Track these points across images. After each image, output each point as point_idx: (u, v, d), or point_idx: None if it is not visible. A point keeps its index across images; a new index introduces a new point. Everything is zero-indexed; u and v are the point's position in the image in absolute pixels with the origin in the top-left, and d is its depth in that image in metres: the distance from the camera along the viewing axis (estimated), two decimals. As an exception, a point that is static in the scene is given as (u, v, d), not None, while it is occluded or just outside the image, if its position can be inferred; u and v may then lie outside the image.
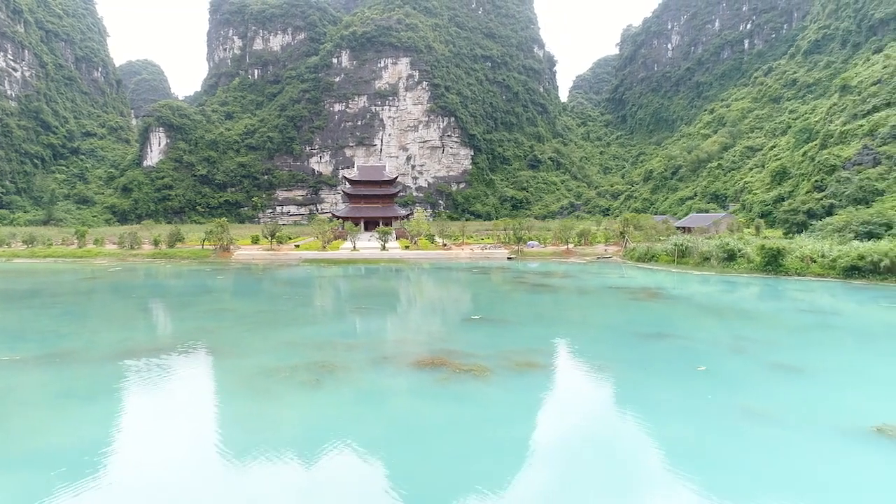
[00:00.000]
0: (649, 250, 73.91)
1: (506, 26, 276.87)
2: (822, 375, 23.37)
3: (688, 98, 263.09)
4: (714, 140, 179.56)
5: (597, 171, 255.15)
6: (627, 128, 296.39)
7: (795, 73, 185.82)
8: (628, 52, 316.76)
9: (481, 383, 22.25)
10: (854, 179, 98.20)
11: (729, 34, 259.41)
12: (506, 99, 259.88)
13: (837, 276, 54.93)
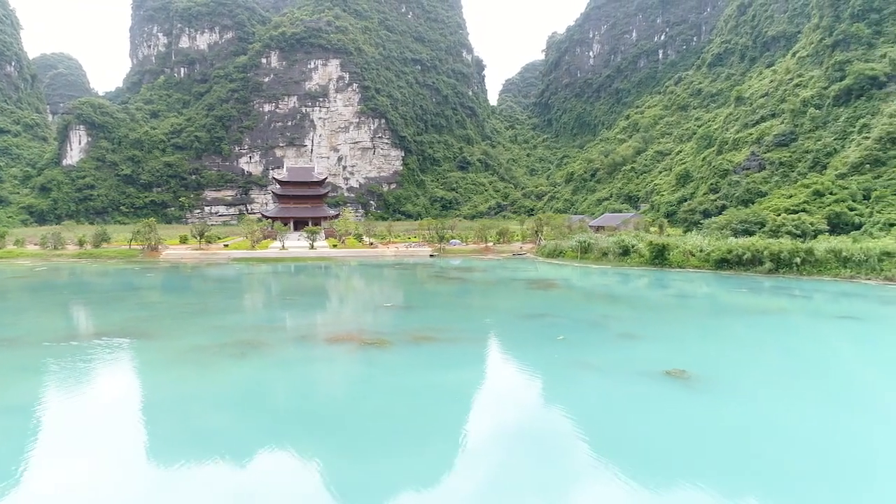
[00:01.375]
0: (557, 247, 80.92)
1: (435, 31, 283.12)
2: (650, 341, 29.66)
3: (608, 104, 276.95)
4: (628, 145, 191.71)
5: (524, 173, 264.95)
6: (553, 131, 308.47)
7: (701, 83, 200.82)
8: (553, 58, 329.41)
9: (381, 351, 27.26)
10: (742, 182, 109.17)
11: (645, 44, 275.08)
12: (436, 102, 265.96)
13: (711, 267, 63.00)
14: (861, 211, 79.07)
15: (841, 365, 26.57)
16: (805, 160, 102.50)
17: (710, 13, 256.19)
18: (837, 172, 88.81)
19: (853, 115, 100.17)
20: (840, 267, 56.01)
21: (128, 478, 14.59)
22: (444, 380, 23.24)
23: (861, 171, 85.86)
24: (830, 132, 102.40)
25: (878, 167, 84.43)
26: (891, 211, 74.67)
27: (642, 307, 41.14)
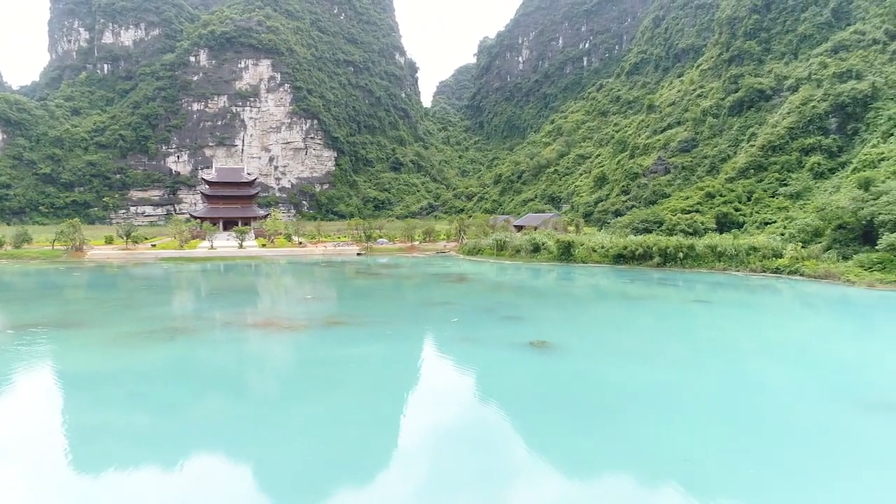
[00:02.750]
0: (477, 245, 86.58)
1: (368, 33, 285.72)
2: (528, 321, 35.12)
3: (536, 108, 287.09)
4: (553, 148, 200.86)
5: (455, 174, 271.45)
6: (484, 133, 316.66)
7: (620, 90, 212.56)
8: (485, 62, 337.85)
9: (295, 333, 31.48)
10: (649, 185, 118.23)
11: (571, 51, 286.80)
12: (368, 103, 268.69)
13: (609, 262, 69.93)
14: (744, 211, 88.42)
15: (668, 335, 32.70)
16: (704, 165, 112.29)
17: (630, 24, 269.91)
18: (727, 176, 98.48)
19: (744, 125, 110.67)
20: (715, 260, 63.87)
21: (70, 429, 18.40)
22: (349, 353, 27.70)
23: (746, 175, 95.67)
24: (725, 140, 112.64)
25: (761, 172, 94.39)
26: (766, 211, 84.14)
27: (533, 295, 46.85)
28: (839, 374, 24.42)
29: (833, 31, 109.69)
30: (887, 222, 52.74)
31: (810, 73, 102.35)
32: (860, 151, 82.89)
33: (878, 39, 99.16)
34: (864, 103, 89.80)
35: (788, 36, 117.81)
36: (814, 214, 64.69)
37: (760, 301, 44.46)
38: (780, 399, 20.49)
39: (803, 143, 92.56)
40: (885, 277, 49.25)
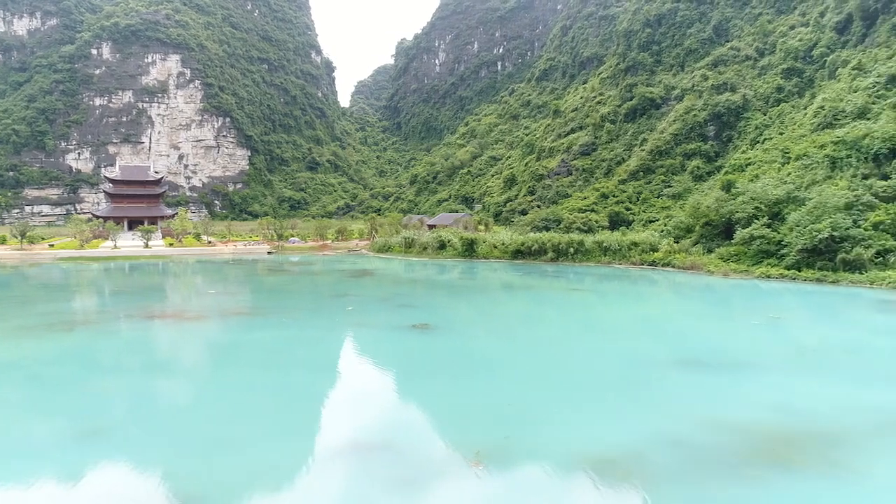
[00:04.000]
0: (387, 243, 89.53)
1: (283, 30, 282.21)
2: (417, 308, 38.52)
3: (453, 110, 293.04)
4: (466, 150, 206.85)
5: (373, 174, 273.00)
6: (402, 134, 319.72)
7: (530, 95, 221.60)
8: (402, 63, 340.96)
9: (196, 323, 33.40)
10: (553, 186, 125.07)
11: (485, 56, 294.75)
12: (284, 102, 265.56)
13: (509, 258, 74.65)
14: (634, 210, 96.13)
15: (538, 318, 36.96)
16: (602, 167, 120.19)
17: (542, 31, 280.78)
18: (620, 178, 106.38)
19: (637, 131, 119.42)
20: (602, 255, 69.81)
21: (-24, 399, 20.02)
22: (245, 338, 30.02)
23: (637, 177, 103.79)
24: (621, 144, 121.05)
25: (649, 174, 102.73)
26: (652, 210, 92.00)
27: (429, 287, 50.42)
28: (669, 342, 29.22)
29: (714, 47, 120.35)
30: (742, 219, 59.99)
31: (693, 84, 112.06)
32: (732, 156, 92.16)
33: (750, 56, 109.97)
34: (737, 113, 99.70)
35: (676, 49, 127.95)
36: (686, 213, 71.87)
37: (628, 289, 49.95)
38: (615, 361, 24.72)
39: (686, 148, 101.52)
40: (738, 267, 56.22)
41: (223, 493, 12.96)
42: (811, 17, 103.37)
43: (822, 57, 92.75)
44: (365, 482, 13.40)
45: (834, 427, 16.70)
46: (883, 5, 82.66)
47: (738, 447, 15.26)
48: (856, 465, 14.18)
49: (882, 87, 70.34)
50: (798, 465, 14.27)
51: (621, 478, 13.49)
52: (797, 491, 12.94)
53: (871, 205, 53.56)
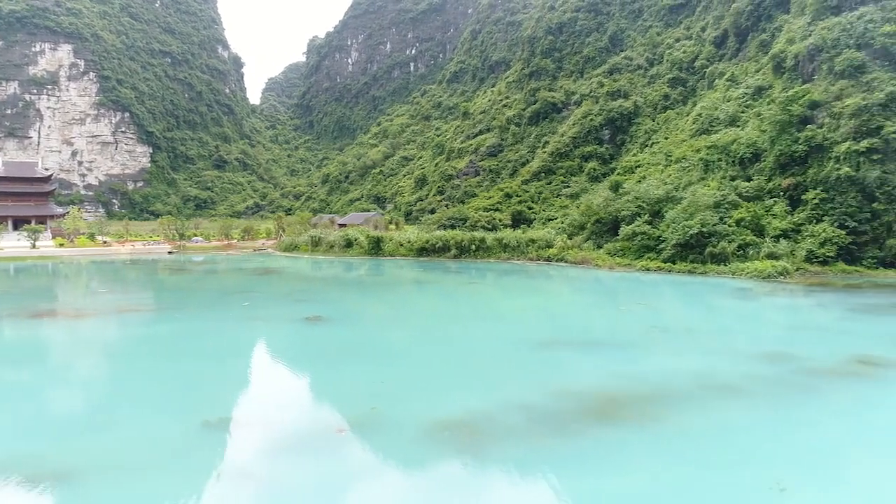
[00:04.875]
0: (293, 242, 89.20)
1: (187, 23, 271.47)
2: (312, 302, 39.57)
3: (366, 110, 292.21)
4: (378, 150, 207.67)
5: (284, 173, 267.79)
6: (315, 133, 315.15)
7: (441, 97, 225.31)
8: (314, 61, 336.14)
9: (83, 321, 32.94)
10: (461, 186, 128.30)
11: (398, 56, 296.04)
12: (188, 98, 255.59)
13: (414, 255, 76.51)
14: (535, 209, 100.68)
15: (429, 309, 39.03)
16: (507, 168, 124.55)
17: (453, 34, 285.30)
18: (523, 179, 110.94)
19: (540, 133, 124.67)
20: (502, 251, 73.03)
21: None
22: (136, 332, 30.09)
23: (539, 178, 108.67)
24: (525, 146, 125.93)
25: (550, 175, 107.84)
26: (551, 210, 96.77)
27: (331, 283, 51.44)
28: (543, 326, 31.91)
29: (609, 56, 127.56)
30: (626, 217, 64.78)
31: (591, 90, 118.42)
32: (624, 159, 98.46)
33: (641, 65, 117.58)
34: (629, 118, 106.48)
35: (576, 57, 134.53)
36: (579, 212, 76.43)
37: (521, 282, 53.00)
38: (491, 344, 26.93)
39: (583, 150, 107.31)
40: (622, 261, 60.77)
41: (98, 468, 13.79)
42: (694, 31, 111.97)
43: (703, 68, 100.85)
44: (232, 452, 14.64)
45: (658, 390, 19.49)
46: (752, 23, 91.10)
47: (574, 408, 17.66)
48: (668, 417, 16.86)
49: (750, 97, 77.61)
50: (620, 419, 16.79)
51: (468, 435, 15.45)
52: (613, 438, 15.36)
53: (736, 203, 59.39)
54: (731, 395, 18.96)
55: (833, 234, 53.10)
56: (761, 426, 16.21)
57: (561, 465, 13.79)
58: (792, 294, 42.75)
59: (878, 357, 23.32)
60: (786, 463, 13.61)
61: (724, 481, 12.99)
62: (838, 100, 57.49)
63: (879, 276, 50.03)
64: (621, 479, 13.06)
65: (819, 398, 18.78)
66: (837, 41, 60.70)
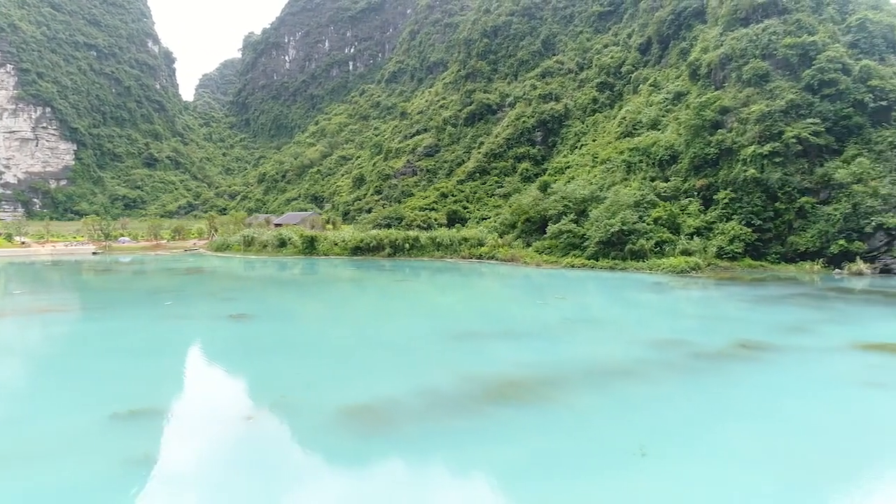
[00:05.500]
0: (225, 242, 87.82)
1: (114, 16, 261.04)
2: (239, 301, 39.61)
3: (304, 108, 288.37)
4: (316, 149, 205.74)
5: (219, 172, 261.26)
6: (251, 131, 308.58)
7: (380, 97, 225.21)
8: (250, 58, 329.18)
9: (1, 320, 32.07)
10: (398, 185, 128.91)
11: (337, 55, 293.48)
12: (116, 93, 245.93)
13: (348, 254, 76.80)
14: (470, 208, 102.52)
15: (355, 305, 39.77)
16: (444, 168, 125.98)
17: (392, 34, 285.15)
18: (458, 179, 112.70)
19: (476, 134, 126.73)
20: (435, 250, 74.29)
21: None
22: (51, 331, 29.55)
23: (474, 178, 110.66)
24: (461, 146, 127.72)
25: (484, 175, 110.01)
26: (485, 209, 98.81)
27: (258, 282, 51.40)
28: (461, 319, 33.19)
29: (542, 59, 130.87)
30: (553, 216, 67.19)
31: (524, 92, 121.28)
32: (554, 160, 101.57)
33: (572, 69, 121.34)
34: (560, 121, 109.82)
35: (510, 60, 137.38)
36: (509, 211, 78.57)
37: (451, 279, 54.36)
38: (408, 336, 27.98)
39: (517, 151, 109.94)
40: (549, 258, 63.02)
41: (4, 457, 14.01)
42: (621, 38, 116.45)
43: (629, 73, 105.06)
44: (137, 441, 15.08)
45: (556, 374, 20.99)
46: (673, 32, 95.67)
47: (477, 392, 18.88)
48: (559, 398, 18.30)
49: (670, 102, 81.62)
50: (516, 400, 18.10)
51: (372, 418, 16.42)
52: (505, 416, 16.62)
53: (654, 203, 62.60)
54: (621, 377, 20.64)
55: (741, 231, 56.81)
56: (638, 402, 17.87)
57: (453, 439, 14.94)
58: (701, 287, 45.64)
59: (758, 341, 25.66)
60: (651, 433, 15.20)
61: (595, 449, 14.46)
62: (745, 106, 61.53)
63: (781, 271, 53.88)
64: (505, 448, 14.31)
65: (696, 377, 20.72)
66: (745, 51, 64.88)
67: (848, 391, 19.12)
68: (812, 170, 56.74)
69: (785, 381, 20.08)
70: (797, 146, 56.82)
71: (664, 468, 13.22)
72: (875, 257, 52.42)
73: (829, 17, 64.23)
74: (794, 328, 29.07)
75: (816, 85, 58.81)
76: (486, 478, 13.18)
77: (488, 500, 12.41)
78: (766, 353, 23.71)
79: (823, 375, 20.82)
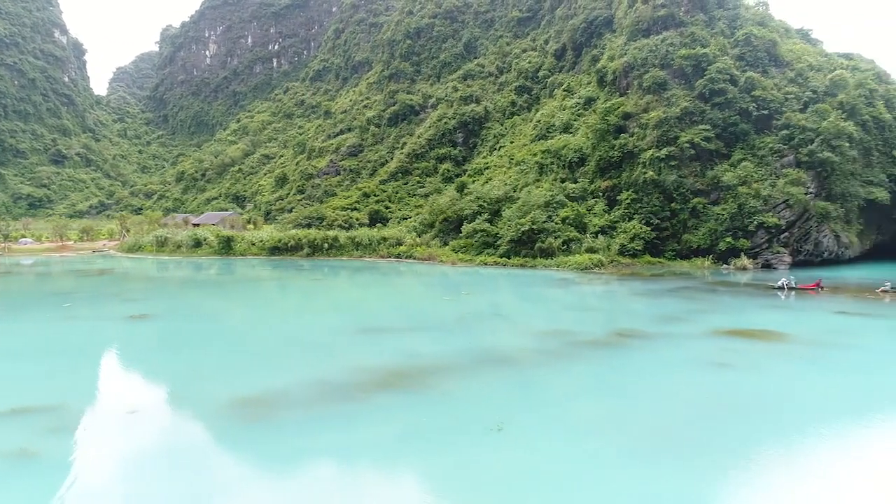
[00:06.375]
0: (137, 242, 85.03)
1: (16, 3, 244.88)
2: (144, 301, 39.13)
3: (226, 105, 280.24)
4: (238, 147, 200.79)
5: (134, 170, 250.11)
6: (170, 128, 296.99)
7: (304, 95, 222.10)
8: (168, 52, 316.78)
9: None
10: (322, 185, 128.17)
11: (260, 51, 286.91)
12: (19, 85, 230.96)
13: (266, 254, 76.07)
14: (392, 208, 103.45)
15: (262, 303, 40.11)
16: (367, 168, 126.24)
17: (317, 31, 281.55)
18: (381, 179, 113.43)
19: (399, 135, 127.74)
20: (354, 249, 74.83)
21: None
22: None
23: (396, 178, 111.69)
24: (385, 146, 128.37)
25: (406, 175, 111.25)
26: (407, 209, 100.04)
27: (167, 283, 50.63)
28: (367, 315, 34.26)
29: (464, 62, 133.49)
30: (468, 216, 69.21)
31: (446, 94, 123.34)
32: (475, 161, 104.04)
33: (492, 72, 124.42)
34: (480, 123, 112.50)
35: (433, 62, 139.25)
36: (427, 211, 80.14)
37: (367, 278, 55.21)
38: (311, 331, 28.88)
39: (438, 152, 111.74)
40: (464, 257, 64.90)
41: None
42: (539, 43, 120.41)
43: (545, 78, 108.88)
44: (13, 437, 15.34)
45: (442, 364, 22.42)
46: (585, 39, 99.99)
47: (364, 381, 20.02)
48: (439, 384, 19.70)
49: (581, 107, 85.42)
50: (399, 387, 19.38)
51: (257, 407, 17.28)
52: (385, 401, 17.86)
53: (563, 203, 65.63)
54: (501, 365, 22.34)
55: (641, 230, 60.55)
56: (507, 386, 19.58)
57: (333, 423, 16.03)
58: (601, 283, 48.55)
59: (634, 330, 28.09)
60: (512, 411, 16.86)
61: (458, 426, 15.93)
62: (645, 112, 65.51)
63: (677, 267, 57.85)
64: (378, 428, 15.56)
65: (568, 363, 22.67)
66: (646, 60, 68.97)
67: (695, 370, 21.51)
68: (704, 173, 61.16)
69: (644, 364, 22.31)
70: (690, 150, 61.12)
71: (515, 440, 14.82)
72: (758, 253, 57.23)
73: (720, 31, 69.23)
74: (671, 318, 31.82)
75: (708, 94, 63.40)
76: (357, 452, 14.34)
77: (358, 470, 13.59)
78: (637, 340, 26.07)
79: (680, 358, 23.22)
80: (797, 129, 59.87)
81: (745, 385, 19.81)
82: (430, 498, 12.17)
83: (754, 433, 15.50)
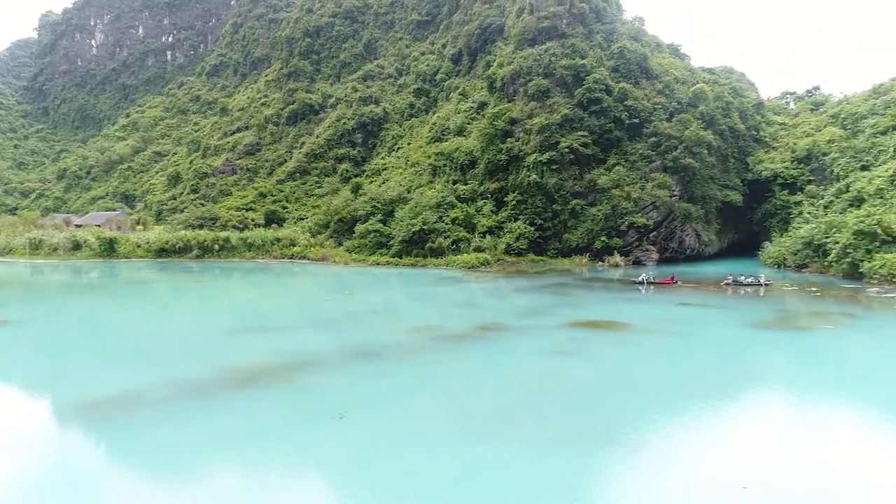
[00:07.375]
0: (7, 245, 79.46)
1: None
2: (1, 306, 37.32)
3: (115, 99, 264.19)
4: (128, 143, 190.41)
5: (9, 167, 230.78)
6: (51, 121, 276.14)
7: (200, 90, 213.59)
8: (48, 40, 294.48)
9: None
10: (217, 184, 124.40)
11: (153, 43, 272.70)
12: None
13: (153, 256, 73.58)
14: (290, 209, 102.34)
15: (136, 306, 39.41)
16: (265, 167, 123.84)
17: (215, 24, 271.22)
18: (278, 178, 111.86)
19: (298, 134, 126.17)
20: (247, 251, 73.85)
21: None
22: None
23: (294, 178, 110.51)
24: (283, 146, 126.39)
25: (305, 175, 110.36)
26: (304, 209, 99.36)
27: (33, 288, 48.34)
28: (248, 315, 34.55)
29: (364, 62, 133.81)
30: (362, 216, 70.15)
31: (346, 94, 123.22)
32: (373, 162, 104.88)
33: (391, 74, 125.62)
34: (379, 123, 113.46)
35: (333, 61, 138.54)
36: (322, 211, 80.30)
37: (255, 279, 54.94)
38: (185, 332, 28.87)
39: (337, 152, 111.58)
40: (358, 257, 65.84)
41: None
42: (437, 47, 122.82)
43: (442, 81, 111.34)
44: None
45: (307, 360, 23.39)
46: (480, 45, 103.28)
47: (226, 379, 20.65)
48: (298, 379, 20.67)
49: (474, 111, 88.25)
50: (259, 384, 20.20)
51: (111, 406, 17.58)
52: (242, 397, 18.63)
53: (453, 204, 67.99)
54: (365, 359, 23.65)
55: (526, 230, 63.91)
56: (358, 378, 20.93)
57: (187, 418, 16.68)
58: (486, 280, 50.99)
59: (498, 323, 30.28)
60: (356, 401, 18.21)
61: (303, 416, 17.09)
62: (530, 118, 69.06)
63: (558, 264, 61.58)
64: (228, 420, 16.39)
65: (426, 355, 24.35)
66: (531, 69, 72.62)
67: (538, 359, 23.74)
68: (582, 176, 65.39)
69: (495, 354, 24.36)
70: (570, 155, 65.13)
71: (355, 426, 16.14)
72: (629, 251, 62.00)
73: (597, 44, 74.03)
74: (535, 312, 34.37)
75: (586, 102, 67.73)
76: (206, 443, 15.11)
77: (204, 458, 14.39)
78: (497, 333, 28.22)
79: (529, 348, 25.46)
80: (664, 137, 65.31)
81: (577, 369, 22.21)
82: (271, 479, 13.20)
83: (574, 410, 17.66)
